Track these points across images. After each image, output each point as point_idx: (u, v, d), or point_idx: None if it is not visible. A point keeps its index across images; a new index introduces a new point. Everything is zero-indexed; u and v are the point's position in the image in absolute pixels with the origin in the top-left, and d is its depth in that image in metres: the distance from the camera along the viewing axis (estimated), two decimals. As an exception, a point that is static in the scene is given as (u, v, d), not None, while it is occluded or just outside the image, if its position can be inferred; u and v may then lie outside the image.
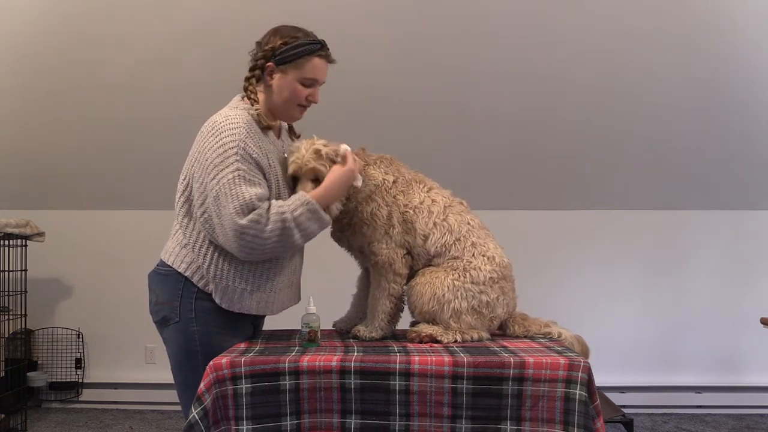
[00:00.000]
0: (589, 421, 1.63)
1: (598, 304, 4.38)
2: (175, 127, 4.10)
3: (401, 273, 1.97)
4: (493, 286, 1.94)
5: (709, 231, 4.41)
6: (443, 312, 1.90)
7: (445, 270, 1.94)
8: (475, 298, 1.92)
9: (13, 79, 3.98)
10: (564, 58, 3.80)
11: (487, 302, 1.93)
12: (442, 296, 1.90)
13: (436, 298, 1.90)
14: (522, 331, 2.03)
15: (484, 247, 1.98)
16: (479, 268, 1.93)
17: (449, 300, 1.90)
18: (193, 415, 1.63)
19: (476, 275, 1.93)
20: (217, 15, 3.67)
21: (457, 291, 1.90)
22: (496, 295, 1.95)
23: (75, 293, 4.52)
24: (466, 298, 1.91)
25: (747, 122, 4.04)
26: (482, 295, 1.92)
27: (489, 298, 1.93)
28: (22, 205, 4.36)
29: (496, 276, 1.95)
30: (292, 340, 1.96)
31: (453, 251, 1.96)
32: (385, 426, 1.66)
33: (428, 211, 1.98)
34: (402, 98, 3.89)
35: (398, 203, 1.97)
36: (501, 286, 1.97)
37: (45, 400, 4.44)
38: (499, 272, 1.96)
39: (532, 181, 4.29)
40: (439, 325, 1.92)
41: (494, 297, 1.94)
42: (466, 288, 1.91)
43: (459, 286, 1.91)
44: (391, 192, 1.98)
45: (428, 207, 1.98)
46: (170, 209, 2.03)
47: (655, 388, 4.27)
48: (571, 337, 2.01)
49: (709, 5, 3.61)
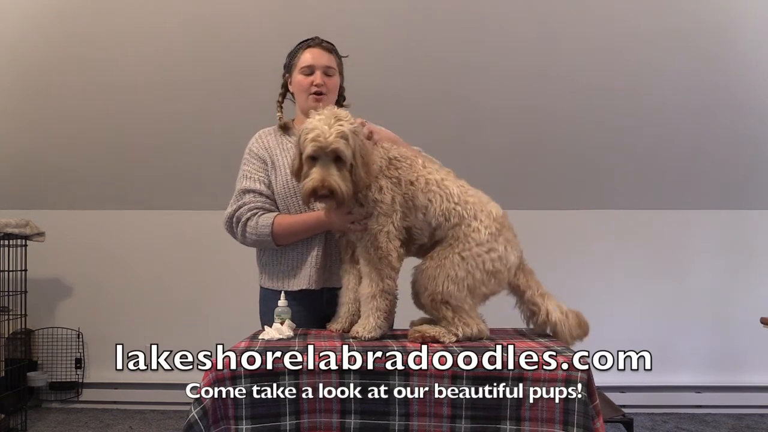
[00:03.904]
0: (589, 421, 1.63)
1: (598, 304, 4.38)
2: (175, 127, 4.11)
3: (396, 268, 1.95)
4: (498, 239, 1.93)
5: (709, 231, 4.41)
6: (459, 290, 1.88)
7: (450, 246, 1.92)
8: (487, 259, 1.90)
9: (13, 79, 3.99)
10: (564, 58, 3.80)
11: (499, 256, 1.91)
12: (456, 275, 1.87)
13: (450, 278, 1.87)
14: (524, 283, 2.00)
15: (479, 204, 1.97)
16: (479, 229, 1.92)
17: (462, 278, 1.87)
18: (193, 414, 1.63)
19: (478, 237, 1.91)
20: (215, 12, 3.67)
21: (468, 263, 1.88)
22: (503, 246, 1.93)
23: (75, 293, 4.52)
24: (478, 266, 1.89)
25: (747, 122, 4.04)
26: (491, 253, 1.90)
27: (499, 252, 1.92)
28: (22, 205, 4.37)
29: (496, 230, 1.94)
30: (291, 340, 1.96)
31: (453, 218, 1.93)
32: (385, 426, 1.65)
33: (425, 183, 1.95)
34: (403, 95, 3.89)
35: (401, 183, 1.93)
36: (504, 237, 1.95)
37: (45, 400, 4.44)
38: (499, 224, 1.95)
39: (531, 181, 4.29)
40: (441, 322, 1.92)
41: (502, 249, 1.93)
42: (474, 253, 1.89)
43: (468, 256, 1.89)
44: (391, 172, 1.93)
45: (425, 179, 1.95)
46: (170, 209, 2.04)
47: (655, 388, 4.27)
48: (562, 316, 1.99)
49: (709, 5, 3.61)
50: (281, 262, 2.21)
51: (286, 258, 2.20)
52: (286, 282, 2.19)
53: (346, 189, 1.82)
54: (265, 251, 2.24)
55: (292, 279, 2.18)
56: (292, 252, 2.19)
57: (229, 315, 3.97)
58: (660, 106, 3.97)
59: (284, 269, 2.20)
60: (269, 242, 2.14)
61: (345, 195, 1.82)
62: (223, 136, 3.92)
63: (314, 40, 2.21)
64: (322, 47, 2.20)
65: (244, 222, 2.15)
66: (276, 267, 2.22)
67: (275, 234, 2.12)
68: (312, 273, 2.16)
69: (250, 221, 2.14)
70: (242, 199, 2.17)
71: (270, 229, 2.11)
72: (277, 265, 2.21)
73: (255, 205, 2.16)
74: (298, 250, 2.18)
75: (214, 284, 4.42)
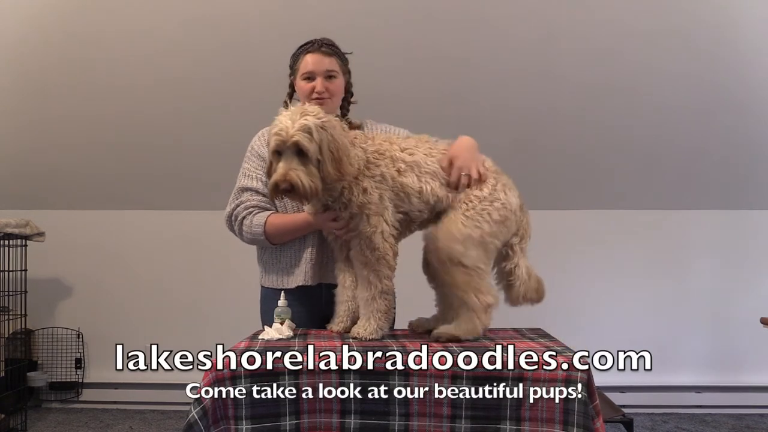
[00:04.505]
0: (589, 420, 1.63)
1: (597, 304, 4.38)
2: (175, 126, 4.11)
3: (394, 266, 1.96)
4: (496, 187, 1.94)
5: (709, 231, 4.41)
6: (472, 249, 1.87)
7: (454, 210, 1.92)
8: (492, 210, 1.91)
9: (13, 80, 3.99)
10: (564, 58, 3.80)
11: (503, 204, 1.92)
12: (466, 235, 1.87)
13: (461, 240, 1.87)
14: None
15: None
16: (480, 187, 1.94)
17: (472, 235, 1.88)
18: (192, 414, 1.63)
19: (480, 193, 1.92)
20: (215, 12, 3.67)
21: (474, 220, 1.89)
22: (503, 193, 1.94)
23: (75, 293, 4.52)
24: (486, 219, 1.90)
25: (747, 122, 4.05)
26: (495, 203, 1.92)
27: (502, 200, 1.93)
28: (22, 205, 4.37)
29: (494, 179, 1.95)
30: (291, 340, 1.96)
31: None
32: (385, 426, 1.66)
33: (411, 168, 1.94)
34: (403, 95, 3.89)
35: (386, 179, 1.92)
36: (502, 183, 1.96)
37: (45, 400, 4.44)
38: (494, 173, 1.97)
39: (531, 181, 4.27)
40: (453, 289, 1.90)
41: (504, 195, 1.94)
42: (478, 210, 1.90)
43: (472, 214, 1.89)
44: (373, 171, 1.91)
45: (410, 165, 1.94)
46: (170, 209, 2.04)
47: (655, 388, 4.27)
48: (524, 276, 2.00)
49: (710, 5, 3.61)
50: (280, 260, 2.22)
51: (284, 256, 2.21)
52: (284, 279, 2.21)
53: (310, 184, 1.77)
54: (265, 250, 2.25)
55: (290, 276, 2.20)
56: (289, 249, 2.20)
57: (229, 315, 3.97)
58: (660, 106, 3.98)
59: (282, 267, 2.22)
60: (264, 241, 2.16)
61: (308, 189, 1.78)
62: (223, 136, 3.92)
63: (314, 45, 2.18)
64: (322, 52, 2.17)
65: (240, 221, 2.18)
66: (275, 265, 2.23)
67: (268, 233, 2.14)
68: (307, 269, 2.17)
69: (246, 220, 2.16)
70: (240, 198, 2.20)
71: (263, 228, 2.14)
72: (277, 263, 2.23)
73: (251, 204, 2.17)
74: (295, 248, 2.20)
75: (214, 284, 4.42)
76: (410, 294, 2.28)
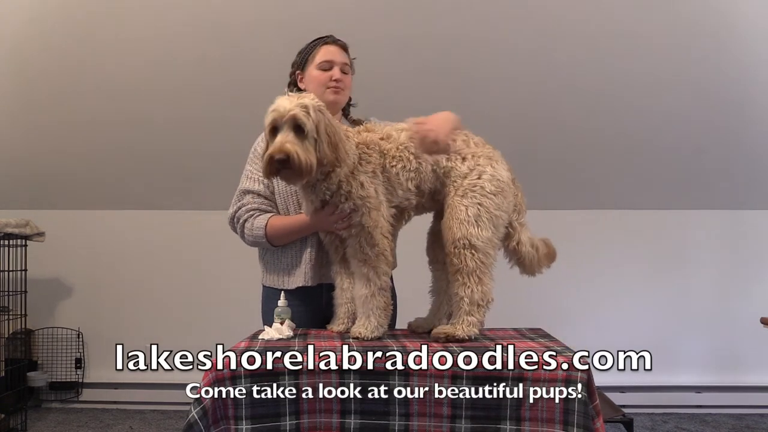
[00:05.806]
0: (589, 420, 1.63)
1: (597, 304, 4.38)
2: (175, 127, 4.11)
3: (391, 263, 1.97)
4: (479, 162, 1.95)
5: (709, 231, 4.41)
6: (480, 228, 1.88)
7: (447, 195, 1.94)
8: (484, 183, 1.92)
9: (13, 81, 3.99)
10: (564, 60, 3.81)
11: (492, 175, 1.94)
12: (470, 215, 1.88)
13: (472, 214, 1.89)
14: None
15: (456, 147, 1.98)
16: (458, 167, 1.95)
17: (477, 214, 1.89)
18: (193, 414, 1.63)
19: (460, 170, 1.94)
20: (218, 16, 3.67)
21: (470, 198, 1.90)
22: (489, 166, 1.95)
23: (75, 293, 4.52)
24: (483, 193, 1.91)
25: (746, 122, 4.05)
26: (483, 176, 1.93)
27: (489, 172, 1.94)
28: (22, 205, 4.37)
29: (471, 155, 1.96)
30: (291, 340, 1.96)
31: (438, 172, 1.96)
32: (385, 426, 1.66)
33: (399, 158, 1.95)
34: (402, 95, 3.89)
35: (377, 173, 1.93)
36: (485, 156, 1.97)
37: (45, 400, 4.44)
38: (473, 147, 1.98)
39: (531, 181, 4.26)
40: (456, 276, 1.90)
41: (490, 168, 1.95)
42: (469, 183, 1.92)
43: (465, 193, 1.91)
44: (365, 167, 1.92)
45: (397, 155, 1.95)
46: (170, 209, 2.04)
47: (655, 388, 4.27)
48: (531, 249, 2.03)
49: (708, 7, 3.61)
50: (281, 260, 2.23)
51: (285, 256, 2.22)
52: (285, 280, 2.22)
53: (306, 158, 1.76)
54: (267, 250, 2.25)
55: (290, 277, 2.21)
56: (290, 250, 2.21)
57: (229, 315, 3.97)
58: (660, 107, 3.98)
59: (283, 267, 2.22)
60: (265, 243, 2.17)
61: (303, 163, 1.75)
62: (223, 137, 3.92)
63: (330, 38, 2.22)
64: (339, 45, 2.21)
65: (242, 223, 2.18)
66: (277, 265, 2.24)
67: (269, 236, 2.14)
68: (307, 270, 2.18)
69: (247, 223, 2.17)
70: (242, 200, 2.20)
71: (263, 231, 2.14)
72: (278, 264, 2.23)
73: (252, 206, 2.18)
74: (295, 249, 2.20)
75: (214, 284, 4.42)
76: (410, 294, 2.29)
